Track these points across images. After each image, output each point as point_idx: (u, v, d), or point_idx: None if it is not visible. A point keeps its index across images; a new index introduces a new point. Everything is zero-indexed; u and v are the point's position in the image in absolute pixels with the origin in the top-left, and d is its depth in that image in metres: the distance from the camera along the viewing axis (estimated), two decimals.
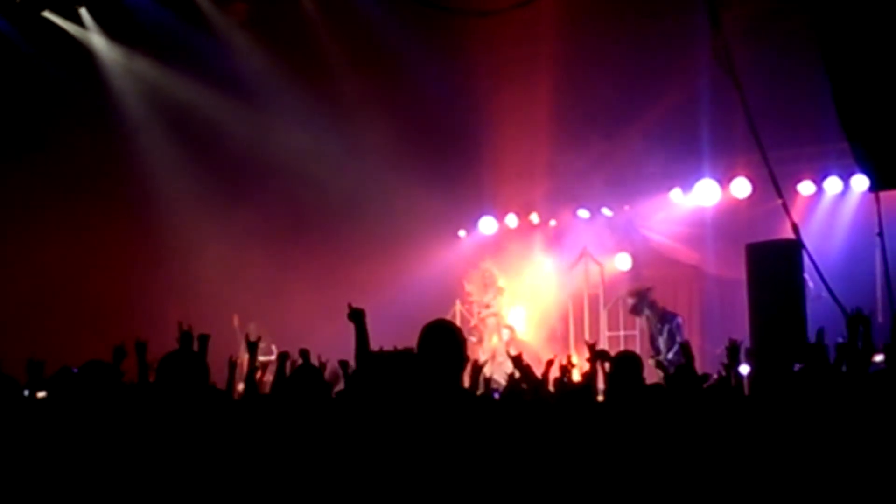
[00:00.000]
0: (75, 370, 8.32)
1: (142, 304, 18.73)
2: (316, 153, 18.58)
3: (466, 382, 8.54)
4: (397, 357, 6.31)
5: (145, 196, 19.04)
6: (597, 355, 9.14)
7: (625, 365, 6.39)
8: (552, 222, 20.50)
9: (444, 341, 5.03)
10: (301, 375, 6.74)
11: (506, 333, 19.36)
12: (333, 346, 9.33)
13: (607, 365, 9.40)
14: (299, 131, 18.51)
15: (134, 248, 19.14)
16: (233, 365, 8.56)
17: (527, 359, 8.79)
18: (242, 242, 18.99)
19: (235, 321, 18.31)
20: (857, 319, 7.73)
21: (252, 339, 8.51)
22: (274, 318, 17.76)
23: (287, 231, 19.73)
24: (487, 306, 19.75)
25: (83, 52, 18.17)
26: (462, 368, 5.15)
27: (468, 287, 20.13)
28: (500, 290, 19.87)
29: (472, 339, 18.82)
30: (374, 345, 10.30)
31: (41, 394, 7.72)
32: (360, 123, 18.40)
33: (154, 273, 19.25)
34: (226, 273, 18.89)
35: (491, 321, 19.72)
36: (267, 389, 9.40)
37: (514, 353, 8.87)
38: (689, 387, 7.51)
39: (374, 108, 18.28)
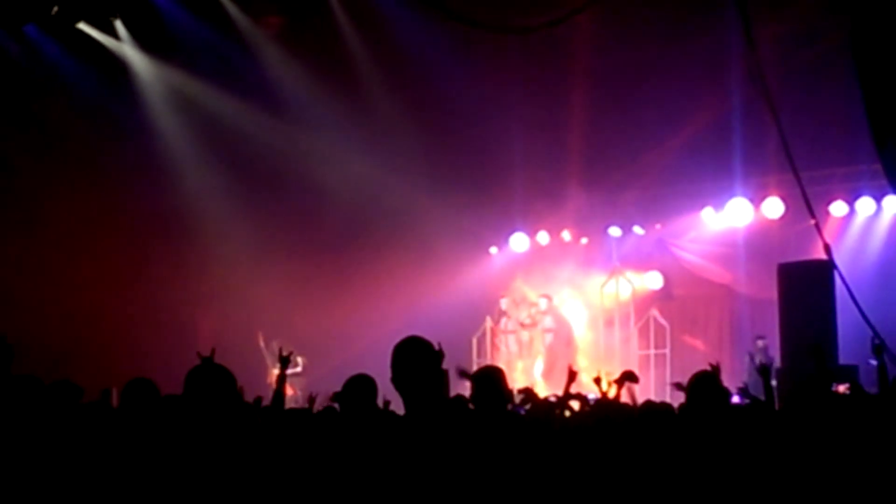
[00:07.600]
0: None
1: (174, 319, 18.73)
2: (347, 170, 18.56)
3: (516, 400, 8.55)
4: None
5: (177, 210, 18.96)
6: (624, 377, 9.14)
7: (703, 385, 6.22)
8: (584, 240, 20.50)
9: (418, 358, 4.83)
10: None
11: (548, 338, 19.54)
12: (361, 363, 9.34)
13: (635, 387, 9.45)
14: (331, 148, 18.49)
15: (164, 265, 19.00)
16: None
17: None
18: (271, 259, 19.00)
19: (260, 339, 18.37)
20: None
21: (284, 353, 8.48)
22: (303, 336, 17.70)
23: (317, 248, 19.70)
24: (522, 325, 19.78)
25: (117, 63, 18.17)
26: (439, 384, 4.95)
27: (504, 304, 20.13)
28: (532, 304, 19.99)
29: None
30: None
31: None
32: (392, 139, 18.35)
33: (186, 288, 19.20)
34: (254, 290, 18.85)
35: (524, 336, 19.76)
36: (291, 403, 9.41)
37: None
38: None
39: (406, 124, 18.23)
